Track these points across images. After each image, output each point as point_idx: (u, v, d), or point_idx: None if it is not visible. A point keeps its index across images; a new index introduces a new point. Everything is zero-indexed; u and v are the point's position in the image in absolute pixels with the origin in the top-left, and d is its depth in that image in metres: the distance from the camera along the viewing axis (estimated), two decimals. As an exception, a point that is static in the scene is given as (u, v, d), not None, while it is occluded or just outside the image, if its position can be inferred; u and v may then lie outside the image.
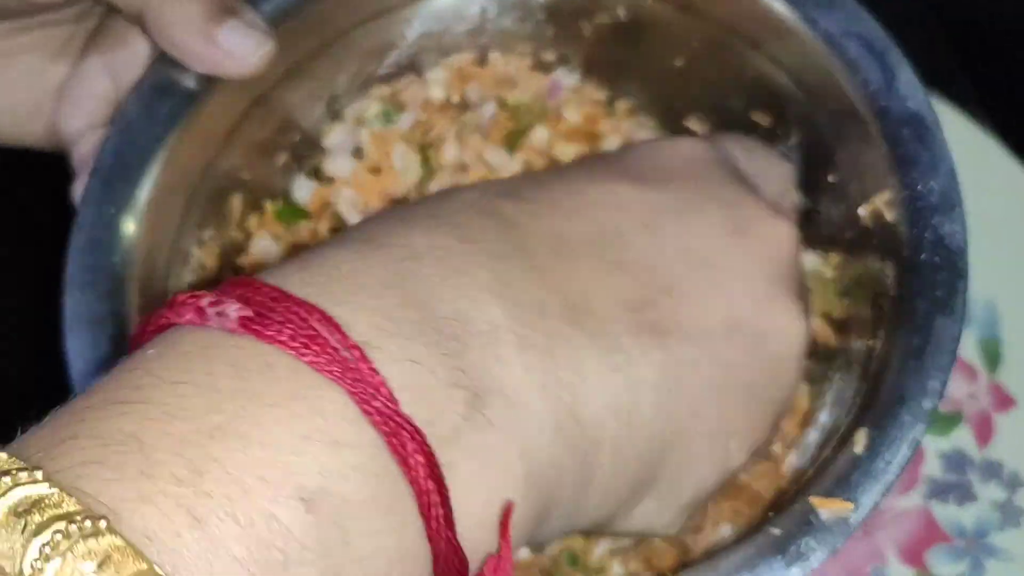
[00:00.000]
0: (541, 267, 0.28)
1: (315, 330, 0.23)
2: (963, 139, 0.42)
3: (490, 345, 0.25)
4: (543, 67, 0.44)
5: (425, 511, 0.23)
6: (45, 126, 0.40)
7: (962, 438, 0.45)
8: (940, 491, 0.44)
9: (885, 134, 0.35)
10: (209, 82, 0.39)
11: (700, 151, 0.34)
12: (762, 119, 0.41)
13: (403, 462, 0.22)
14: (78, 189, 0.37)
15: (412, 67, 0.44)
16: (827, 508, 0.31)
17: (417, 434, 0.23)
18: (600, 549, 0.38)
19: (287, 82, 0.41)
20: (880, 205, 0.35)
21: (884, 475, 0.31)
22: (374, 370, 0.23)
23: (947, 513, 0.44)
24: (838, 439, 0.32)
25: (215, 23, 0.35)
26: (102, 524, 0.19)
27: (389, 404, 0.22)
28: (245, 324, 0.23)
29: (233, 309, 0.23)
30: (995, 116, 0.44)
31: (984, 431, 0.45)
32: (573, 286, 0.28)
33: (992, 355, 0.45)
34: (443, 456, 0.23)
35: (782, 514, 0.31)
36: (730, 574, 0.31)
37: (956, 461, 0.45)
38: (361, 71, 0.43)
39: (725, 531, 0.36)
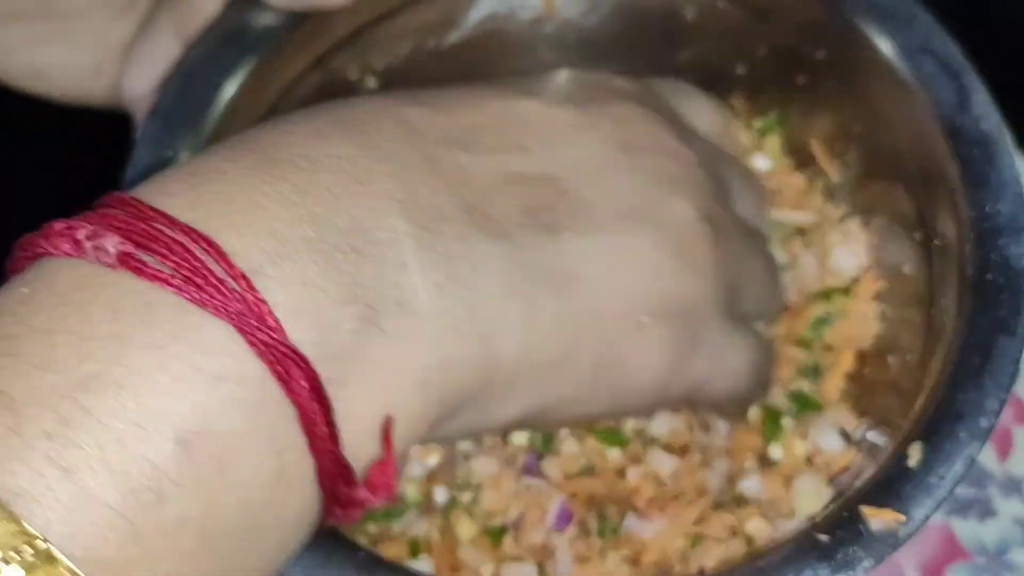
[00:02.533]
0: (444, 174, 0.28)
1: (199, 261, 0.23)
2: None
3: (390, 253, 0.26)
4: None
5: (309, 431, 0.23)
6: (108, 86, 0.40)
7: (982, 452, 0.44)
8: (960, 507, 0.44)
9: (956, 153, 0.35)
10: (272, 36, 0.38)
11: (618, 82, 0.37)
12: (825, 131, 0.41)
13: (287, 388, 0.23)
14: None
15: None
16: (878, 518, 0.30)
17: (302, 361, 0.23)
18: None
19: (347, 48, 0.41)
20: (946, 225, 0.35)
21: (937, 490, 0.31)
22: (260, 299, 0.23)
23: (967, 529, 0.43)
24: (892, 452, 0.32)
25: None
26: None
27: (274, 335, 0.23)
28: (124, 260, 0.23)
29: (112, 243, 0.23)
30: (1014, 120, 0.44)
31: (1004, 445, 0.44)
32: (474, 192, 0.29)
33: (1012, 369, 0.45)
34: (331, 373, 0.24)
35: (829, 519, 0.31)
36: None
37: (976, 476, 0.44)
38: (421, 46, 0.43)
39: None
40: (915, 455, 0.31)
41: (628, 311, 0.31)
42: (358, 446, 0.25)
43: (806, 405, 0.40)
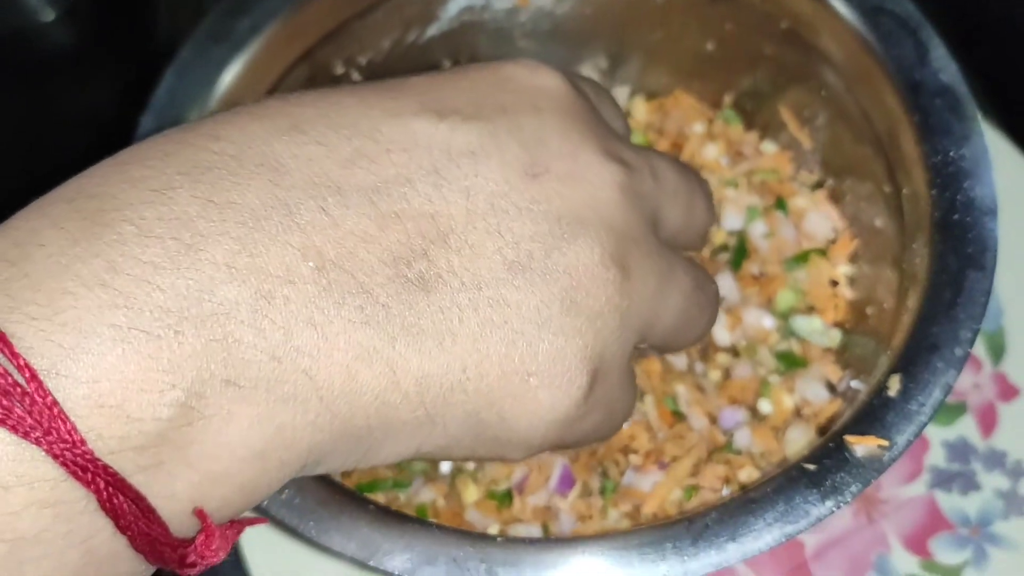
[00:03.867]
0: (302, 226, 0.26)
1: None
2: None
3: (219, 329, 0.24)
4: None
5: (113, 516, 0.23)
6: None
7: (966, 428, 0.46)
8: (944, 480, 0.45)
9: (919, 105, 0.36)
10: (260, 33, 0.40)
11: (546, 80, 0.32)
12: (793, 99, 0.42)
13: (84, 483, 0.22)
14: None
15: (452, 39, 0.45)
16: (862, 444, 0.32)
17: (95, 463, 0.22)
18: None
19: (332, 41, 0.43)
20: (913, 173, 0.36)
21: (917, 416, 0.32)
22: (51, 402, 0.22)
23: (951, 502, 0.44)
24: (873, 386, 0.33)
25: None
26: None
27: (63, 441, 0.22)
28: None
29: None
30: (998, 109, 0.46)
31: (988, 421, 0.46)
32: (334, 245, 0.26)
33: (996, 346, 0.46)
34: (143, 460, 0.23)
35: (816, 451, 0.32)
36: (765, 506, 0.31)
37: (960, 450, 0.45)
38: (403, 39, 0.44)
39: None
40: (895, 385, 0.33)
41: (512, 370, 0.28)
42: (185, 517, 0.25)
43: (792, 363, 0.42)
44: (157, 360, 0.23)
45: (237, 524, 0.26)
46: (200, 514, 0.25)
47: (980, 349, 0.47)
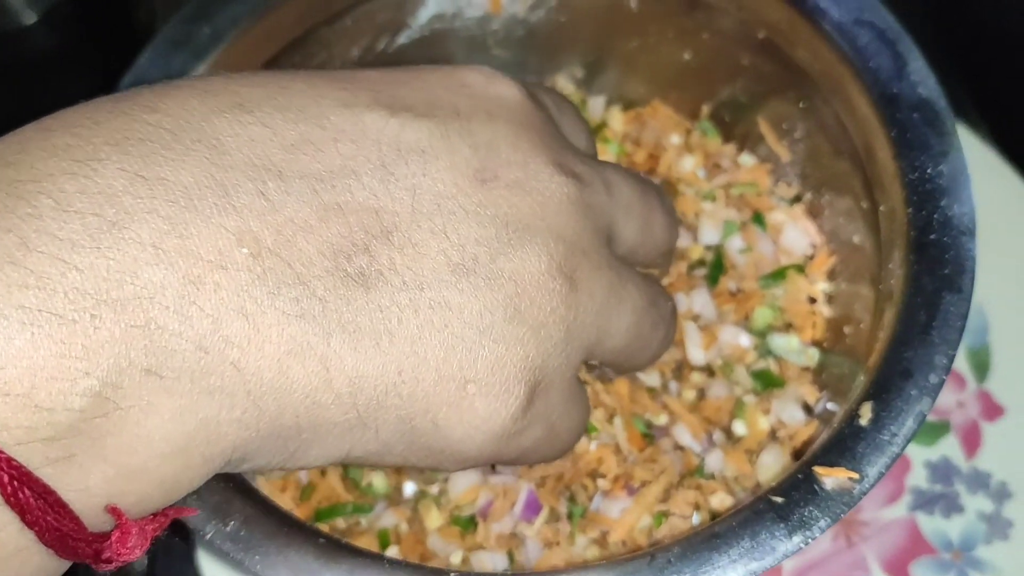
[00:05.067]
0: (238, 208, 0.25)
1: None
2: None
3: (140, 314, 0.23)
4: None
5: (18, 510, 0.22)
6: None
7: (949, 448, 0.44)
8: (926, 502, 0.44)
9: (896, 120, 0.35)
10: (221, 40, 0.39)
11: (502, 89, 0.31)
12: (771, 110, 0.41)
13: None
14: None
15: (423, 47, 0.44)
16: (831, 477, 0.31)
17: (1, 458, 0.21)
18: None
19: (299, 48, 0.42)
20: (891, 190, 0.35)
21: (889, 447, 0.31)
22: None
23: (933, 525, 0.43)
24: (844, 413, 0.32)
25: None
26: None
27: None
28: None
29: None
30: (991, 123, 0.44)
31: (972, 440, 0.44)
32: (272, 231, 0.25)
33: (981, 363, 0.45)
34: (53, 452, 0.22)
35: (784, 482, 0.31)
36: (730, 541, 0.30)
37: (943, 471, 0.44)
38: (372, 46, 0.43)
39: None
40: (866, 414, 0.31)
41: (449, 375, 0.27)
42: (101, 511, 0.24)
43: (769, 383, 0.40)
44: (70, 346, 0.22)
45: (159, 517, 0.25)
46: (114, 511, 0.24)
47: (964, 366, 0.45)
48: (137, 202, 0.23)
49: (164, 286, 0.23)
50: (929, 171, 0.34)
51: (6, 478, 0.21)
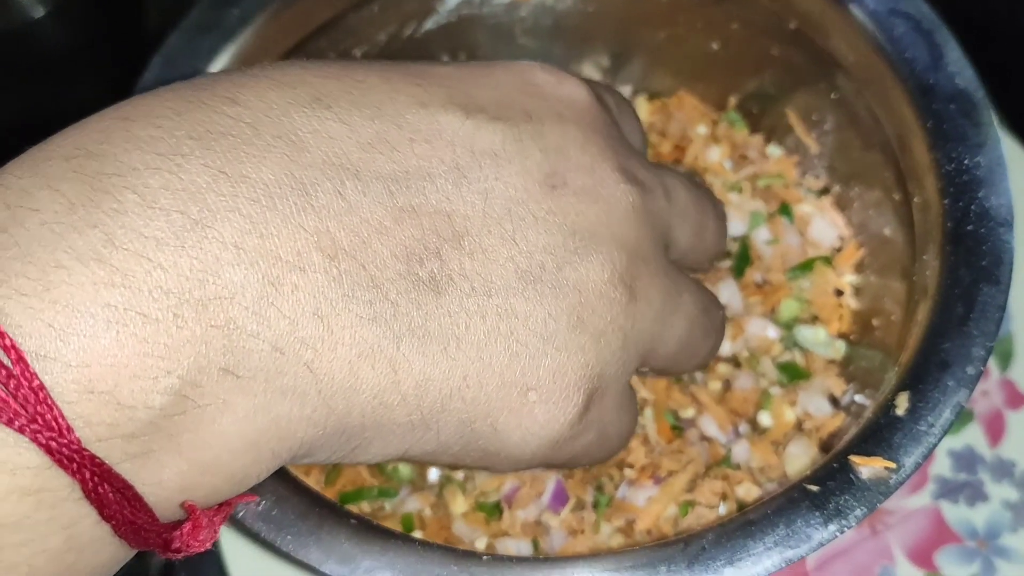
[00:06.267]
0: (317, 208, 0.24)
1: None
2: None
3: (221, 314, 0.23)
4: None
5: (96, 504, 0.22)
6: None
7: (973, 436, 0.44)
8: (950, 491, 0.44)
9: (932, 110, 0.35)
10: (251, 24, 0.39)
11: (572, 91, 0.31)
12: (800, 102, 0.41)
13: (69, 471, 0.22)
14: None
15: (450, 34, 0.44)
16: (868, 466, 0.30)
17: (81, 453, 0.21)
18: None
19: (326, 33, 0.41)
20: (925, 181, 0.35)
21: (926, 437, 0.31)
22: (38, 386, 0.21)
23: (957, 513, 0.43)
24: (879, 404, 0.32)
25: None
26: None
27: (48, 428, 0.21)
28: None
29: None
30: (1009, 111, 0.44)
31: (996, 429, 0.44)
32: (349, 232, 0.25)
33: (1004, 352, 0.45)
34: (132, 448, 0.22)
35: (819, 471, 0.31)
36: (765, 528, 0.30)
37: (967, 460, 0.44)
38: (399, 32, 0.43)
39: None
40: (903, 404, 0.31)
41: (511, 381, 0.27)
42: (172, 503, 0.24)
43: (795, 375, 0.40)
44: (153, 345, 0.22)
45: (224, 507, 0.25)
46: (189, 507, 0.24)
47: (988, 356, 0.45)
48: (220, 200, 0.23)
49: (244, 286, 0.23)
50: (966, 162, 0.34)
51: (88, 475, 0.22)
